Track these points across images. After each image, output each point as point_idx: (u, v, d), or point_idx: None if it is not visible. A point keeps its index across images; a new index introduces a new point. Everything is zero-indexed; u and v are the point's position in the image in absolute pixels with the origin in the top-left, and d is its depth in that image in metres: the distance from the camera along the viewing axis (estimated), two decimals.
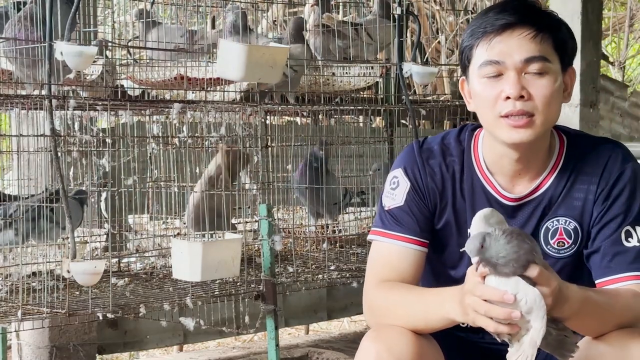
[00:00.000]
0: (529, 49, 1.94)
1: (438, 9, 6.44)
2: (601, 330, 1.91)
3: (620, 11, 10.86)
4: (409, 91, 4.42)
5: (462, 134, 2.12)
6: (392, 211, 2.09)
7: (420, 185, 2.08)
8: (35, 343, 3.78)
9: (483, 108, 1.99)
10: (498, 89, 1.95)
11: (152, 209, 3.49)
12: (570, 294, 1.82)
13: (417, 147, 2.11)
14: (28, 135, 3.22)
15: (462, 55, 2.03)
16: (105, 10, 4.15)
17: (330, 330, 5.75)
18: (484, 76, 1.97)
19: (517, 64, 1.94)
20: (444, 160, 2.09)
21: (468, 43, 2.00)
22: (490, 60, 1.95)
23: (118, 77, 3.42)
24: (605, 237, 2.00)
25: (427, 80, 4.06)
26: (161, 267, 3.50)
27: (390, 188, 2.11)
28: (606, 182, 2.02)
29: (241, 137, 3.38)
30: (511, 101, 1.93)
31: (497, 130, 1.98)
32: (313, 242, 3.84)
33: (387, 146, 4.11)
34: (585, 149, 2.06)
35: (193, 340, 4.53)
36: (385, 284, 2.04)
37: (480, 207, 2.01)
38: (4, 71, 3.18)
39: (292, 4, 5.15)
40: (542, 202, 2.04)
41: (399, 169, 2.11)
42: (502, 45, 1.95)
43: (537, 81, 1.94)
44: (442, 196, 2.08)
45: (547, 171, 2.05)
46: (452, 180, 2.08)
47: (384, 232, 2.09)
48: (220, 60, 3.08)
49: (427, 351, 1.98)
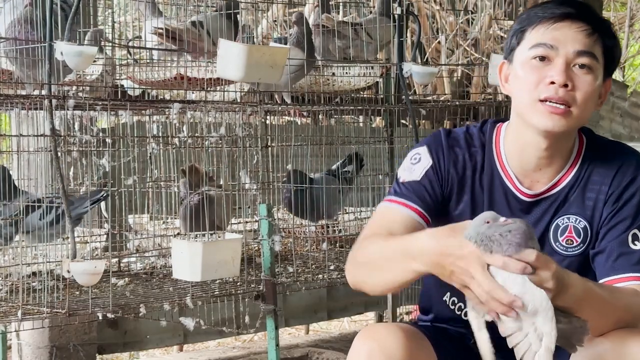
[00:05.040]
0: (584, 43, 1.98)
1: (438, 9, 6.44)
2: (602, 325, 1.91)
3: (621, 11, 10.85)
4: (409, 91, 4.42)
5: (485, 126, 2.14)
6: (407, 183, 2.08)
7: (441, 168, 2.09)
8: (35, 343, 3.78)
9: (522, 90, 2.01)
10: (543, 74, 1.98)
11: (152, 209, 3.49)
12: (572, 281, 1.82)
13: (445, 133, 2.13)
14: (28, 135, 3.22)
15: (512, 38, 2.06)
16: (105, 10, 4.14)
17: (330, 330, 5.76)
18: (532, 57, 1.99)
19: (569, 53, 1.97)
20: (468, 149, 2.10)
21: (521, 26, 2.04)
22: (544, 43, 1.98)
23: (118, 77, 3.42)
24: (612, 238, 2.02)
25: (427, 80, 4.06)
26: (161, 267, 3.50)
27: (411, 162, 2.11)
28: (618, 185, 2.04)
29: (241, 137, 3.38)
30: (554, 87, 1.96)
31: (532, 114, 1.99)
32: (313, 242, 3.84)
33: (387, 146, 4.12)
34: (602, 151, 2.09)
35: (193, 340, 4.53)
36: (373, 235, 2.04)
37: (498, 200, 2.05)
38: (4, 71, 3.18)
39: (292, 4, 5.15)
40: (558, 199, 2.06)
41: (423, 147, 2.12)
42: (558, 32, 1.99)
43: (583, 76, 1.98)
44: (460, 184, 2.08)
45: (566, 169, 2.07)
46: (472, 170, 2.09)
47: (392, 199, 2.08)
48: (220, 60, 3.09)
49: (418, 349, 1.98)
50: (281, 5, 5.23)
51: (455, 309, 2.16)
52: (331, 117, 4.36)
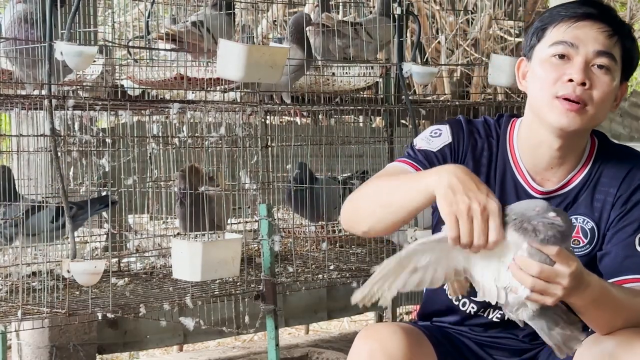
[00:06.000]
0: (604, 43, 1.99)
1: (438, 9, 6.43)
2: (612, 325, 1.91)
3: (621, 11, 10.86)
4: (409, 91, 4.42)
5: (501, 119, 2.14)
6: (422, 151, 2.05)
7: (459, 149, 2.08)
8: (35, 343, 3.78)
9: (539, 87, 2.01)
10: (562, 71, 1.98)
11: (152, 209, 3.49)
12: (592, 280, 1.83)
13: (465, 120, 2.13)
14: (28, 135, 3.22)
15: (532, 34, 2.06)
16: (105, 10, 4.14)
17: (330, 330, 5.76)
18: (552, 55, 1.99)
19: (589, 53, 1.98)
20: (487, 139, 2.10)
21: (542, 24, 2.04)
22: (565, 40, 1.99)
23: (118, 77, 3.42)
24: (619, 240, 2.02)
25: (427, 80, 4.06)
26: (161, 267, 3.50)
27: (430, 135, 2.08)
28: (627, 188, 2.04)
29: (241, 137, 3.38)
30: (572, 85, 1.96)
31: (548, 111, 1.99)
32: (313, 242, 3.84)
33: (387, 146, 4.11)
34: (613, 154, 2.09)
35: (193, 340, 4.53)
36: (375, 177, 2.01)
37: (508, 194, 2.04)
38: (4, 71, 3.18)
39: (292, 4, 5.15)
40: (567, 198, 2.06)
41: (445, 125, 2.10)
42: (579, 31, 1.99)
43: (601, 76, 1.98)
44: (475, 171, 2.03)
45: (578, 169, 2.07)
46: (488, 159, 2.09)
47: (403, 159, 2.06)
48: (220, 60, 3.09)
49: (419, 348, 1.98)
50: (281, 5, 5.22)
51: (460, 304, 2.16)
52: (331, 117, 4.36)
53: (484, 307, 2.12)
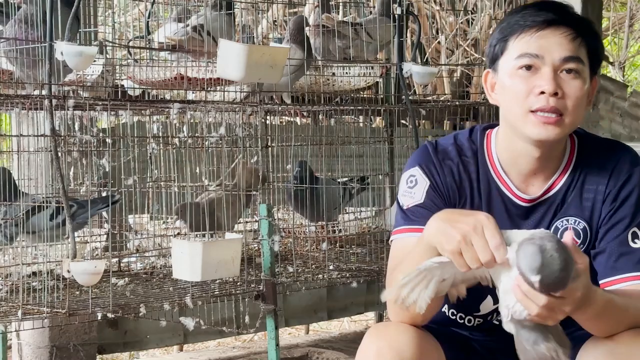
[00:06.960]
0: (569, 48, 1.96)
1: (438, 9, 6.44)
2: (613, 331, 1.92)
3: (621, 11, 10.85)
4: (409, 91, 4.42)
5: (474, 134, 2.12)
6: (412, 209, 2.06)
7: (439, 184, 2.07)
8: (36, 343, 3.79)
9: (511, 102, 1.99)
10: (531, 84, 1.95)
11: (152, 209, 3.49)
12: (596, 296, 1.83)
13: (432, 147, 2.10)
14: (28, 135, 3.22)
15: (494, 47, 2.03)
16: (106, 10, 4.15)
17: (330, 330, 5.75)
18: (518, 67, 1.97)
19: (556, 61, 1.95)
20: (460, 160, 2.08)
21: (503, 35, 2.00)
22: (529, 53, 1.96)
23: (118, 77, 3.42)
24: (612, 238, 2.01)
25: (427, 80, 4.06)
26: (161, 267, 3.50)
27: (408, 187, 2.08)
28: (615, 184, 2.03)
29: (241, 137, 3.38)
30: (544, 97, 1.94)
31: (524, 126, 1.97)
32: (313, 242, 3.84)
33: (387, 146, 4.12)
34: (595, 150, 2.08)
35: (193, 340, 4.53)
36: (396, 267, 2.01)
37: (496, 207, 2.03)
38: (4, 71, 3.18)
39: (292, 4, 5.15)
40: (555, 202, 2.05)
41: (415, 168, 2.09)
42: (542, 41, 1.96)
43: (571, 81, 1.96)
44: (460, 194, 2.06)
45: (560, 171, 2.06)
46: (469, 180, 2.07)
47: (403, 228, 2.06)
48: (220, 60, 3.09)
49: (427, 348, 1.98)
50: (281, 6, 5.22)
51: (457, 318, 2.17)
52: (331, 117, 4.36)
53: (488, 317, 2.13)
